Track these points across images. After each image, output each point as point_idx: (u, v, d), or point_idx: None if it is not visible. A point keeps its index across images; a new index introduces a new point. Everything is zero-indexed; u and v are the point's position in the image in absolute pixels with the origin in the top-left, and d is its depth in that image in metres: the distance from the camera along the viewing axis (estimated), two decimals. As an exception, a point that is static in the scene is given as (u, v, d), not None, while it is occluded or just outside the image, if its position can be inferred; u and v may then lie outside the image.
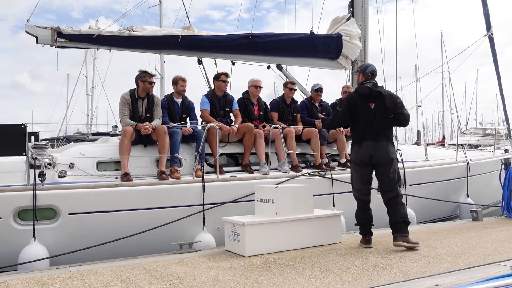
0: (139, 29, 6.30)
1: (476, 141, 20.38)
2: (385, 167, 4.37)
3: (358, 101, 4.47)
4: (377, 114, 4.40)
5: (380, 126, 4.40)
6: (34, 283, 3.23)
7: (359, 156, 4.44)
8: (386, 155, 4.36)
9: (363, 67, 4.68)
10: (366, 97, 4.44)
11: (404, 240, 4.20)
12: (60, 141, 11.20)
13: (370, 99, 4.43)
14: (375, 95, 4.42)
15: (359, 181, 4.49)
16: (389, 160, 4.37)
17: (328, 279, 3.23)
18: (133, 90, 5.37)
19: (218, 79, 5.98)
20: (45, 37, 5.81)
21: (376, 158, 4.35)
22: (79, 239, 4.34)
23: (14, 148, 4.28)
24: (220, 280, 3.24)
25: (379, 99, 4.41)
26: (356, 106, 4.47)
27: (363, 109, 4.43)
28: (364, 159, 4.40)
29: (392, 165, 4.38)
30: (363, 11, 7.81)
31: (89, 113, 26.58)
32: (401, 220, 4.27)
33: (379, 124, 4.40)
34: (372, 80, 4.53)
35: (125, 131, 5.00)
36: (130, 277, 3.36)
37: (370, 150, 4.36)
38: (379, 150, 4.35)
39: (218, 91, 5.97)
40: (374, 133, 4.39)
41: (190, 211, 4.79)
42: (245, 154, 5.72)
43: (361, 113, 4.44)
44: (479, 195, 7.32)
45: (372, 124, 4.39)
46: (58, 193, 4.36)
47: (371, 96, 4.43)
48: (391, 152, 4.40)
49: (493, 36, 8.72)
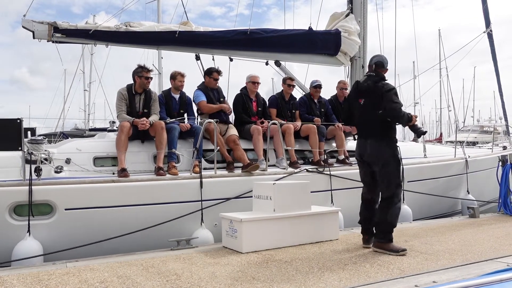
0: (137, 24, 6.26)
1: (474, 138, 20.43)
2: (377, 166, 4.10)
3: (352, 96, 4.36)
4: (366, 110, 4.14)
5: (369, 123, 4.12)
6: (30, 278, 3.21)
7: (356, 153, 4.38)
8: (375, 154, 4.07)
9: (370, 58, 4.40)
10: (356, 92, 4.27)
11: (376, 245, 4.04)
12: (58, 136, 11.16)
13: (359, 95, 4.22)
14: (363, 90, 4.18)
15: (361, 179, 4.42)
16: (379, 160, 4.05)
17: (325, 275, 3.22)
18: (130, 86, 5.34)
19: (210, 76, 5.96)
20: (41, 32, 5.78)
21: (365, 157, 4.19)
22: (75, 235, 4.32)
23: (10, 143, 4.24)
24: (218, 276, 3.23)
25: (367, 94, 4.14)
26: (351, 102, 4.37)
27: (355, 105, 4.29)
28: (357, 157, 4.37)
29: (385, 166, 4.03)
30: (362, 7, 7.78)
31: (86, 109, 26.55)
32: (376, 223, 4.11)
33: (368, 120, 4.12)
34: (375, 71, 4.22)
35: (122, 127, 4.97)
36: (127, 273, 3.35)
37: (361, 148, 4.24)
38: (366, 148, 4.13)
39: (209, 85, 5.96)
40: (363, 130, 4.23)
41: (187, 207, 4.77)
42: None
43: (354, 109, 4.30)
44: (477, 192, 7.34)
45: (362, 120, 4.23)
46: (54, 189, 4.33)
47: (359, 91, 4.23)
48: (383, 151, 4.04)
49: (492, 33, 8.71)
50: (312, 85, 6.74)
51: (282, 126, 5.91)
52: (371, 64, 4.30)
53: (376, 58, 4.32)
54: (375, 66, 4.26)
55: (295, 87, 6.78)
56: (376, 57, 4.34)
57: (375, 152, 4.09)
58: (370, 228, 4.24)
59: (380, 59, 4.29)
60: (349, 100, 4.45)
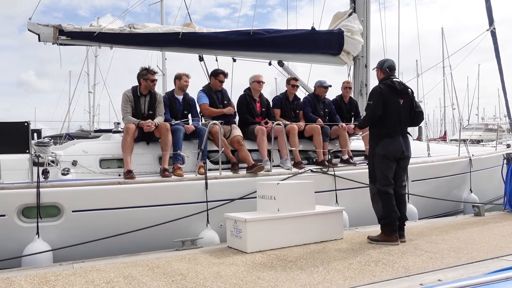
0: (140, 26, 6.31)
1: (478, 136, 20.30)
2: (406, 162, 4.55)
3: (389, 95, 4.44)
4: (405, 110, 4.48)
5: (406, 122, 4.52)
6: (38, 279, 3.25)
7: (391, 151, 4.39)
8: (411, 151, 4.58)
9: (380, 63, 4.65)
10: (397, 92, 4.46)
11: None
12: (63, 138, 11.24)
13: (400, 95, 4.46)
14: (403, 92, 4.48)
15: (387, 174, 4.40)
16: (410, 155, 4.59)
17: (330, 275, 3.24)
18: (135, 88, 5.38)
19: (216, 77, 5.96)
20: (47, 35, 5.84)
21: (405, 154, 4.46)
22: (83, 236, 4.36)
23: (18, 146, 4.29)
24: (223, 276, 3.25)
25: (407, 95, 4.50)
26: (387, 101, 4.42)
27: (393, 104, 4.43)
28: (396, 154, 4.41)
29: (409, 161, 4.61)
30: (365, 7, 7.79)
31: (91, 110, 26.69)
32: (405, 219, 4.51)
33: (405, 120, 4.50)
34: (392, 74, 4.56)
35: (128, 128, 5.01)
36: (132, 273, 3.38)
37: (402, 145, 4.43)
38: (408, 146, 4.50)
39: (214, 87, 5.98)
40: (402, 129, 4.49)
41: (193, 208, 4.80)
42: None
43: (392, 108, 4.42)
44: (481, 190, 7.32)
45: (401, 120, 4.45)
46: (61, 191, 4.38)
47: (402, 91, 4.47)
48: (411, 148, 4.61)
49: (495, 31, 8.68)
50: (323, 84, 6.71)
51: (286, 126, 5.93)
52: (384, 68, 4.58)
53: (387, 62, 4.61)
54: (389, 70, 4.58)
55: (299, 87, 6.79)
56: (387, 62, 4.62)
57: (410, 149, 4.57)
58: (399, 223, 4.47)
59: (391, 63, 4.63)
60: (384, 100, 4.41)
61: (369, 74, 7.87)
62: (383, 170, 4.41)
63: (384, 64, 4.59)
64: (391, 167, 4.43)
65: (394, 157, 4.41)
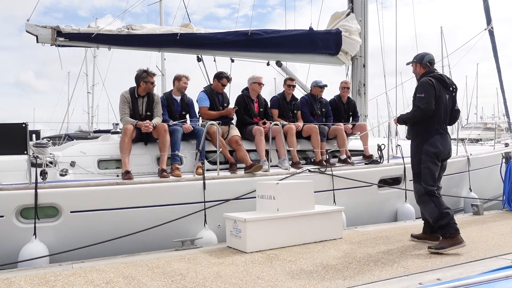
0: (138, 27, 6.31)
1: (477, 135, 20.33)
2: (446, 163, 4.32)
3: (440, 89, 4.12)
4: (449, 107, 4.22)
5: (447, 120, 4.24)
6: (37, 280, 3.25)
7: (442, 150, 4.12)
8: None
9: (419, 57, 4.31)
10: (445, 87, 4.16)
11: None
12: (62, 139, 11.22)
13: (447, 90, 4.17)
14: (453, 87, 4.22)
15: (435, 174, 4.13)
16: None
17: (330, 274, 3.24)
18: (133, 89, 5.38)
19: (219, 80, 5.96)
20: (45, 36, 5.84)
21: (450, 154, 4.29)
22: (81, 237, 4.35)
23: (16, 147, 4.29)
24: (222, 276, 3.25)
25: (451, 91, 4.21)
26: (437, 95, 4.09)
27: (443, 98, 4.13)
28: (445, 153, 4.18)
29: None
30: (363, 7, 7.80)
31: (89, 111, 26.64)
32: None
33: (447, 117, 4.23)
34: (434, 69, 4.27)
35: (126, 129, 5.00)
36: (132, 273, 3.38)
37: (448, 144, 4.19)
38: (451, 145, 4.31)
39: (216, 89, 5.98)
40: (446, 125, 4.25)
41: (191, 209, 4.80)
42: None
43: (442, 103, 4.12)
44: (480, 189, 7.32)
45: (447, 116, 4.20)
46: (59, 192, 4.37)
47: (450, 87, 4.19)
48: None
49: (493, 30, 8.70)
50: (318, 84, 6.71)
51: (284, 126, 5.93)
52: (424, 62, 4.26)
53: (427, 56, 4.29)
54: (430, 64, 4.28)
55: (296, 87, 6.80)
56: (427, 56, 4.30)
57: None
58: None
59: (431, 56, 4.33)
60: (435, 94, 4.08)
61: (367, 74, 7.89)
62: (433, 169, 4.09)
63: (424, 58, 4.26)
64: (438, 166, 4.16)
65: (442, 157, 4.17)
